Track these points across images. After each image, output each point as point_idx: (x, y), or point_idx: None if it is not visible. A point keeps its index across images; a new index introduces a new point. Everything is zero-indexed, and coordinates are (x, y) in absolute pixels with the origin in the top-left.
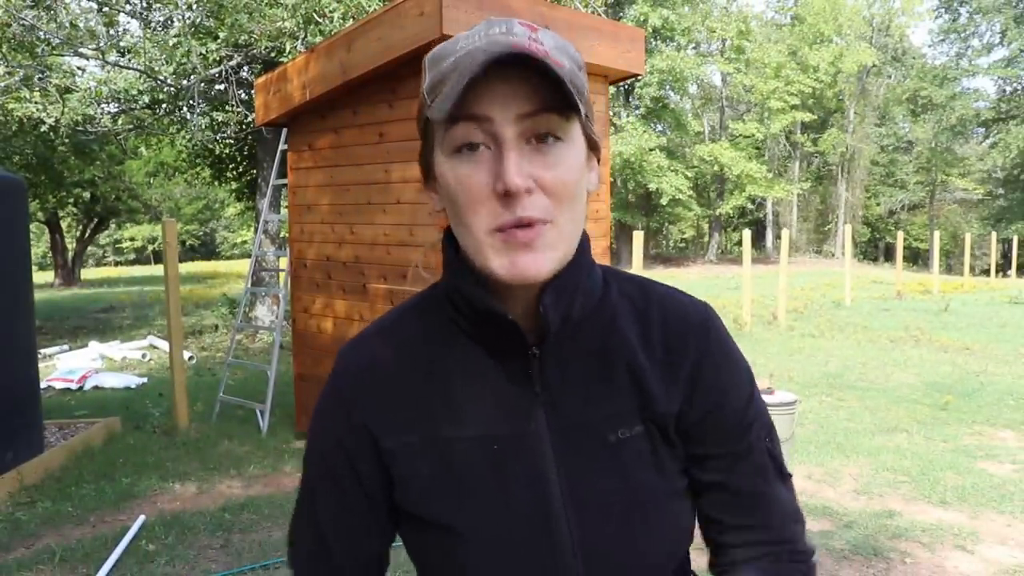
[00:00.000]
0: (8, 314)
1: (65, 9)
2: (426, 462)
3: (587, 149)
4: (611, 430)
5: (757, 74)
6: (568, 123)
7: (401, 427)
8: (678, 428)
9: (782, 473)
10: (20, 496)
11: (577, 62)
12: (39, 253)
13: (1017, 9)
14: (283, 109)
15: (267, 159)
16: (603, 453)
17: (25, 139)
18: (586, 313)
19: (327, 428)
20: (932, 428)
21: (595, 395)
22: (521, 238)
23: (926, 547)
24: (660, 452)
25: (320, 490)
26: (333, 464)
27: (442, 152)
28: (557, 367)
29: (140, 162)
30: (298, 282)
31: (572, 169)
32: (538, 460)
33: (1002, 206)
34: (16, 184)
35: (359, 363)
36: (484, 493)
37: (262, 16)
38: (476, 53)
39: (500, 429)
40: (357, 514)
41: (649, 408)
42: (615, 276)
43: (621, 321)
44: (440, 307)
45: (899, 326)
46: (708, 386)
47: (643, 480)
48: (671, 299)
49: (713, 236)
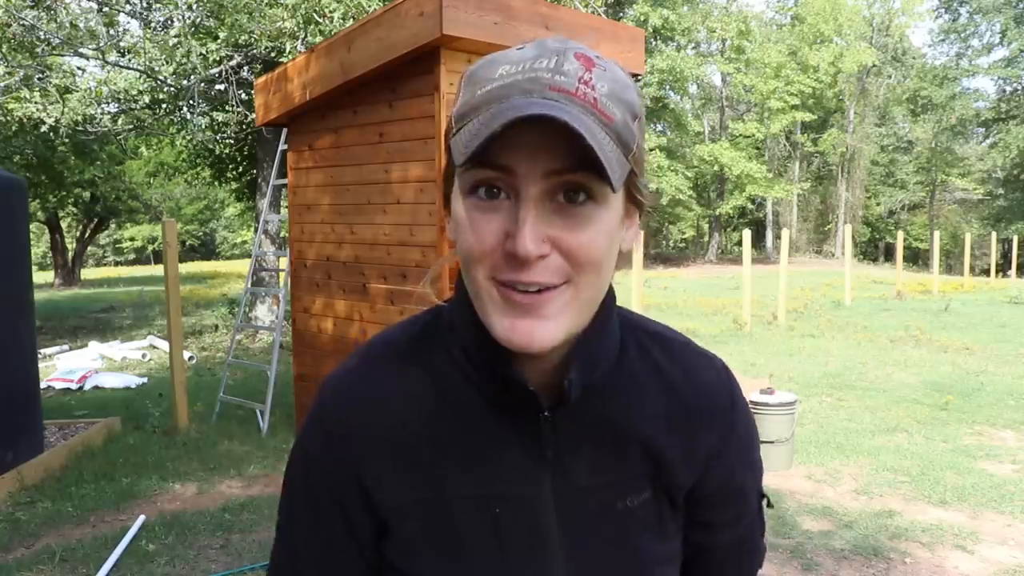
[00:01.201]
0: (8, 314)
1: (65, 9)
2: (421, 518)
3: (627, 204)
4: (619, 497)
5: (757, 74)
6: (604, 183)
7: (396, 478)
8: (689, 497)
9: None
10: (20, 496)
11: (633, 109)
12: (39, 253)
13: (1017, 9)
14: (283, 109)
15: (267, 159)
16: (609, 521)
17: (25, 139)
18: (605, 378)
19: (313, 468)
20: (932, 428)
21: (606, 462)
22: (521, 300)
23: (926, 547)
24: (665, 517)
25: (305, 532)
26: (320, 506)
27: (459, 186)
28: (569, 432)
29: (140, 162)
30: (298, 282)
31: (602, 234)
32: (542, 526)
33: (1002, 206)
34: (16, 184)
35: (351, 398)
36: (482, 556)
37: (262, 16)
38: (512, 90)
39: (503, 490)
40: (345, 561)
41: (661, 477)
42: (632, 328)
43: (641, 385)
44: (444, 345)
45: (899, 326)
46: (728, 464)
47: (647, 548)
48: (696, 368)
49: (713, 236)
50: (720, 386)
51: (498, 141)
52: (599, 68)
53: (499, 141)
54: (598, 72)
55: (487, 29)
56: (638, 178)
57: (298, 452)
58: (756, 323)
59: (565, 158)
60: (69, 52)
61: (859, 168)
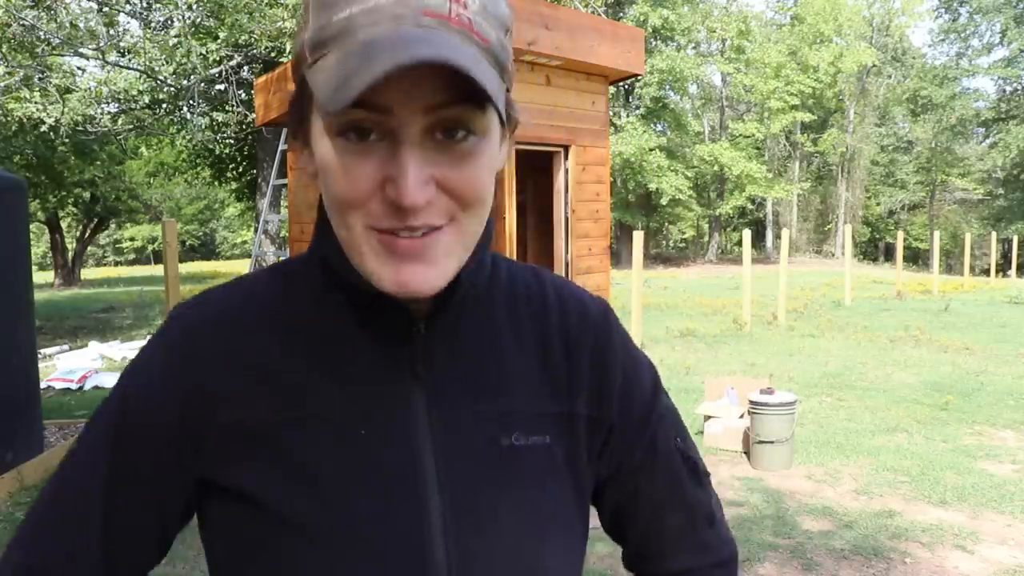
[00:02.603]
0: (8, 314)
1: (65, 9)
2: (275, 440)
3: (501, 128)
4: (504, 432)
5: (757, 74)
6: (485, 113)
7: (245, 399)
8: (587, 429)
9: (697, 474)
10: (20, 496)
11: (506, 23)
12: (39, 253)
13: (1017, 9)
14: (283, 109)
15: (267, 159)
16: (495, 458)
17: (25, 139)
18: (477, 294)
19: (143, 388)
20: (932, 428)
21: (486, 388)
22: (406, 247)
23: (926, 547)
24: (565, 464)
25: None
26: (134, 436)
27: (324, 125)
28: (443, 349)
29: (140, 162)
30: None
31: (485, 168)
32: (413, 455)
33: (1002, 206)
34: (16, 184)
35: (200, 316)
36: (345, 486)
37: (262, 16)
38: (379, 16)
39: (369, 410)
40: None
41: (550, 412)
42: (503, 259)
43: (515, 307)
44: (308, 272)
45: (899, 326)
46: (612, 382)
47: (543, 499)
48: (567, 288)
49: (713, 236)
50: (593, 304)
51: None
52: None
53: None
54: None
55: None
56: (507, 94)
57: (125, 375)
58: (756, 323)
59: (445, 91)
60: (69, 52)
61: (859, 168)
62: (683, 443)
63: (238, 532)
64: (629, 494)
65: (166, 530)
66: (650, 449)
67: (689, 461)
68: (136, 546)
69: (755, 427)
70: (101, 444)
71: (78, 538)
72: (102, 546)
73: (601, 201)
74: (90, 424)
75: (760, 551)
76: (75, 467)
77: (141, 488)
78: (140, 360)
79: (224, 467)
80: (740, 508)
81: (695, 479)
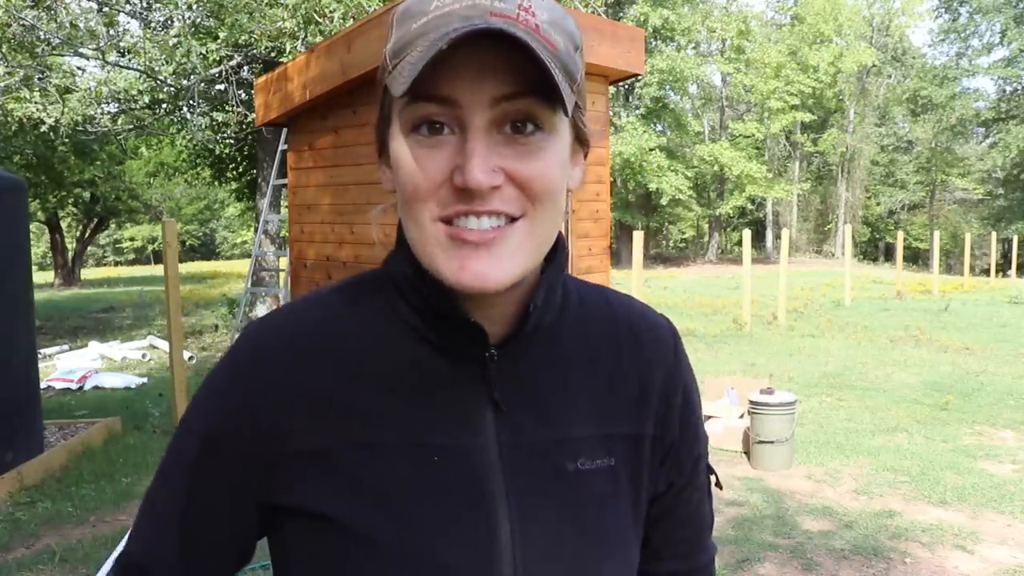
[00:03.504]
0: (8, 314)
1: (65, 9)
2: (345, 465)
3: (574, 142)
4: (569, 457)
5: (757, 74)
6: (554, 112)
7: (316, 425)
8: (652, 448)
9: (710, 491)
10: (20, 496)
11: (574, 40)
12: (39, 253)
13: (1017, 9)
14: (283, 109)
15: (267, 159)
16: (562, 483)
17: (25, 139)
18: (554, 320)
19: (216, 413)
20: (932, 428)
21: (555, 414)
22: (475, 239)
23: (926, 547)
24: (628, 484)
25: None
26: (214, 456)
27: (399, 126)
28: (516, 374)
29: (140, 162)
30: (298, 282)
31: (552, 165)
32: (485, 479)
33: (1002, 206)
34: (16, 184)
35: (272, 343)
36: (417, 506)
37: (262, 16)
38: (451, 18)
39: (443, 436)
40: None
41: (618, 433)
42: (572, 280)
43: (586, 330)
44: (380, 292)
45: (899, 326)
46: (676, 404)
47: (605, 520)
48: (638, 310)
49: (713, 236)
50: (663, 329)
51: (439, 70)
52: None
53: (440, 71)
54: (536, 0)
55: None
56: (583, 113)
57: (200, 396)
58: (756, 323)
59: (512, 83)
60: (69, 52)
61: (859, 168)
62: (706, 455)
63: (312, 555)
64: (669, 508)
65: (239, 547)
66: (694, 466)
67: (710, 474)
68: (209, 559)
69: (755, 427)
70: (177, 465)
71: (161, 545)
72: (179, 555)
73: (601, 201)
74: (173, 439)
75: (760, 551)
76: (161, 477)
77: (213, 506)
78: (214, 382)
79: (294, 492)
80: (740, 508)
81: (709, 491)
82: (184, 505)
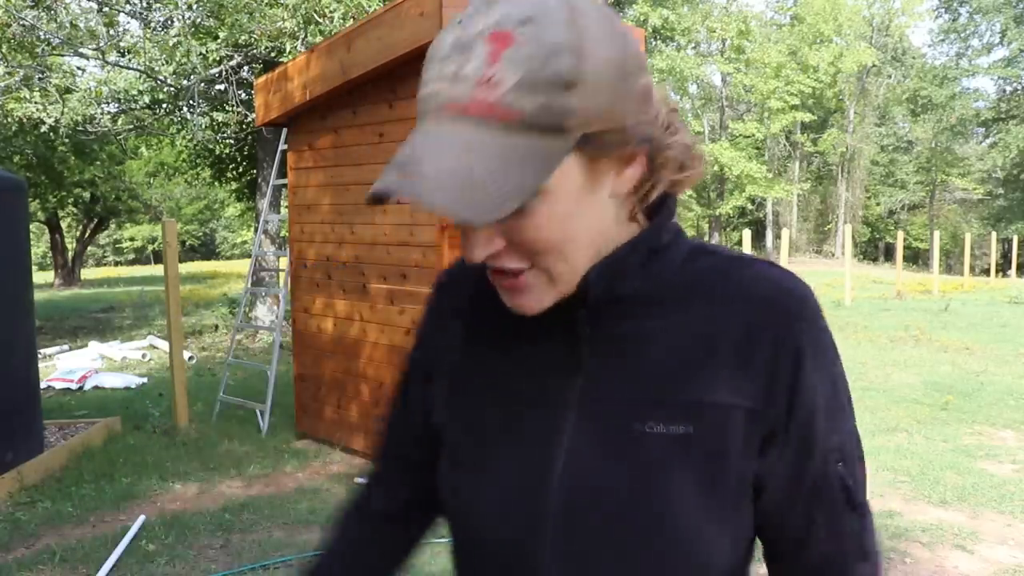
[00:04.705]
0: (8, 314)
1: (65, 9)
2: (463, 391)
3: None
4: (639, 418)
5: (757, 74)
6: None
7: (471, 358)
8: (746, 421)
9: (852, 504)
10: (20, 496)
11: (561, 80)
12: (39, 253)
13: (1017, 9)
14: (283, 109)
15: (267, 159)
16: (623, 440)
17: (25, 139)
18: (646, 292)
19: (423, 334)
20: (932, 428)
21: (638, 375)
22: (507, 285)
23: (926, 547)
24: (702, 459)
25: (401, 389)
26: (417, 369)
27: None
28: (605, 335)
29: (140, 162)
30: (298, 282)
31: (543, 223)
32: (556, 426)
33: (1002, 206)
34: (16, 184)
35: (449, 275)
36: (498, 435)
37: (262, 16)
38: (423, 107)
39: (529, 387)
40: (415, 422)
41: (707, 398)
42: (705, 252)
43: (688, 296)
44: None
45: (899, 326)
46: (784, 377)
47: (661, 486)
48: (758, 277)
49: (713, 236)
50: (783, 293)
51: None
52: (516, 45)
53: None
54: (511, 52)
55: None
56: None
57: (424, 319)
58: None
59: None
60: (69, 52)
61: (859, 168)
62: (845, 470)
63: (440, 460)
64: (775, 510)
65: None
66: (810, 453)
67: (848, 492)
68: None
69: None
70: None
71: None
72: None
73: None
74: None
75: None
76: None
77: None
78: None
79: (437, 407)
80: None
81: (849, 510)
82: (394, 413)
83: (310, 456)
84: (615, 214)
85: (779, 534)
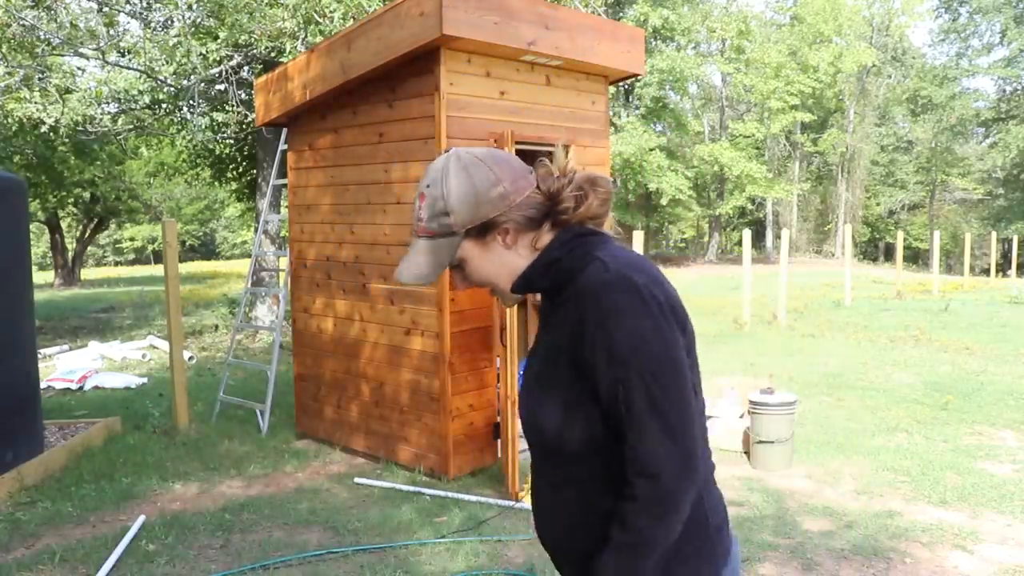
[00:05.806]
0: (8, 314)
1: (65, 9)
2: None
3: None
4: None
5: (757, 74)
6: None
7: None
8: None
9: (632, 421)
10: (20, 496)
11: (439, 209)
12: (39, 253)
13: (1017, 9)
14: (283, 109)
15: (267, 159)
16: (542, 355)
17: (25, 139)
18: (554, 287)
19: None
20: (932, 428)
21: (554, 331)
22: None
23: (926, 547)
24: (564, 369)
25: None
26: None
27: None
28: (545, 314)
29: (140, 162)
30: (298, 282)
31: (475, 272)
32: (528, 360)
33: (1002, 206)
34: (16, 184)
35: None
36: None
37: (262, 16)
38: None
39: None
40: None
41: (559, 346)
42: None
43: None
44: None
45: (899, 326)
46: (584, 337)
47: (546, 375)
48: (592, 274)
49: (713, 236)
50: (590, 284)
51: None
52: (428, 197)
53: None
54: (426, 202)
55: (487, 29)
56: (478, 226)
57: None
58: (756, 323)
59: None
60: (69, 52)
61: (859, 168)
62: (623, 393)
63: None
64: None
65: None
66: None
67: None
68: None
69: (755, 427)
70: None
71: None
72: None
73: None
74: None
75: (760, 551)
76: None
77: None
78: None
79: None
80: (740, 508)
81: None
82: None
83: (310, 456)
84: (517, 253)
85: (610, 423)
